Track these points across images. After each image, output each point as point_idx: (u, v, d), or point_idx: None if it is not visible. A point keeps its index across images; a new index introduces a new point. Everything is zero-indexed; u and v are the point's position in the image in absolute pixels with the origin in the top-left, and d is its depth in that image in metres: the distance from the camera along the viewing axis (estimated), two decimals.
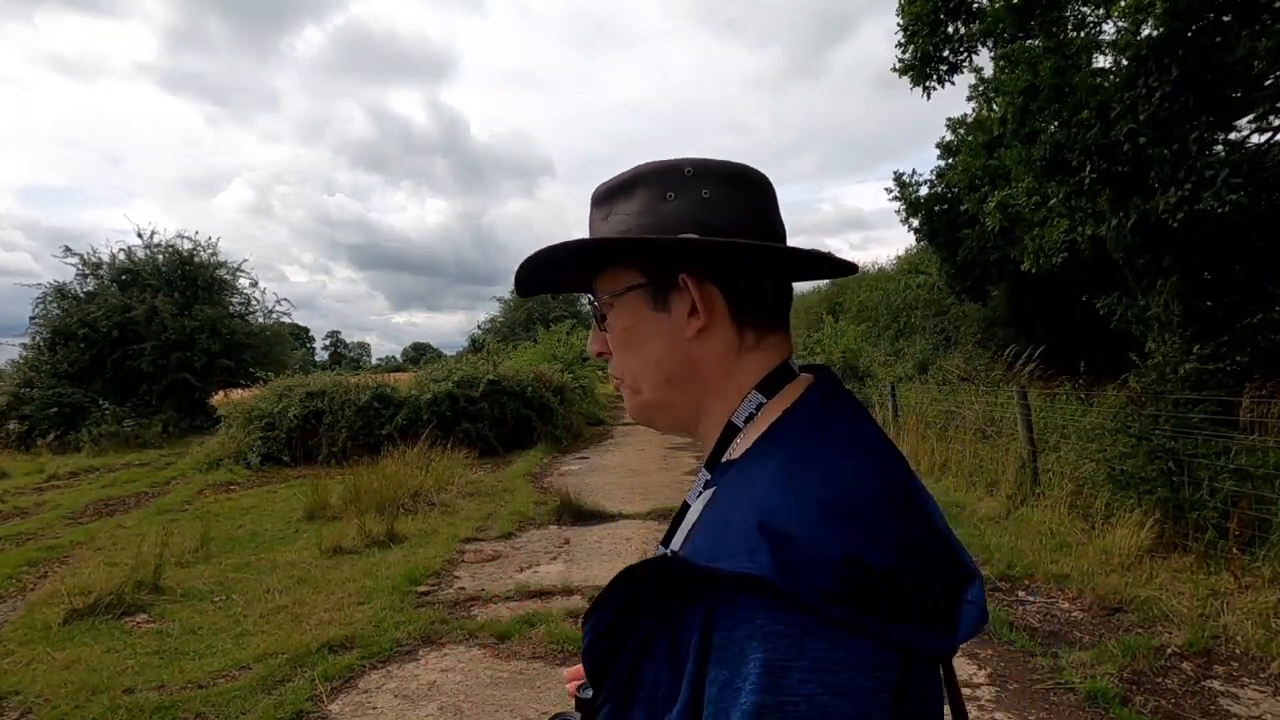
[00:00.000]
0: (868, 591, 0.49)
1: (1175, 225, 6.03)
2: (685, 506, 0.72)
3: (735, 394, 0.69)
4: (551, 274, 0.75)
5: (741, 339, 0.68)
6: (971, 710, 3.09)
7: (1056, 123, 7.06)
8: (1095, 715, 3.01)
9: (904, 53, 8.76)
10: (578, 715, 0.77)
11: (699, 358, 0.68)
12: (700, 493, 0.70)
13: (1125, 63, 6.74)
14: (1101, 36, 7.55)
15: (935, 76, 8.82)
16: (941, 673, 0.60)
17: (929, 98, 8.99)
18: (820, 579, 0.49)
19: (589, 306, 0.76)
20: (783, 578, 0.49)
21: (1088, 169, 6.70)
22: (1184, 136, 6.08)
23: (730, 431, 0.68)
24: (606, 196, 0.72)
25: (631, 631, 0.57)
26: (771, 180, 0.73)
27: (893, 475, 0.59)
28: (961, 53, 8.69)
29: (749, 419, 0.67)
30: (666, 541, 0.72)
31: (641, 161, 0.71)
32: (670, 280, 0.67)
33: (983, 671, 3.44)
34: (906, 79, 8.97)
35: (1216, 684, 3.24)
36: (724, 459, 0.68)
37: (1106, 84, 6.84)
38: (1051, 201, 7.55)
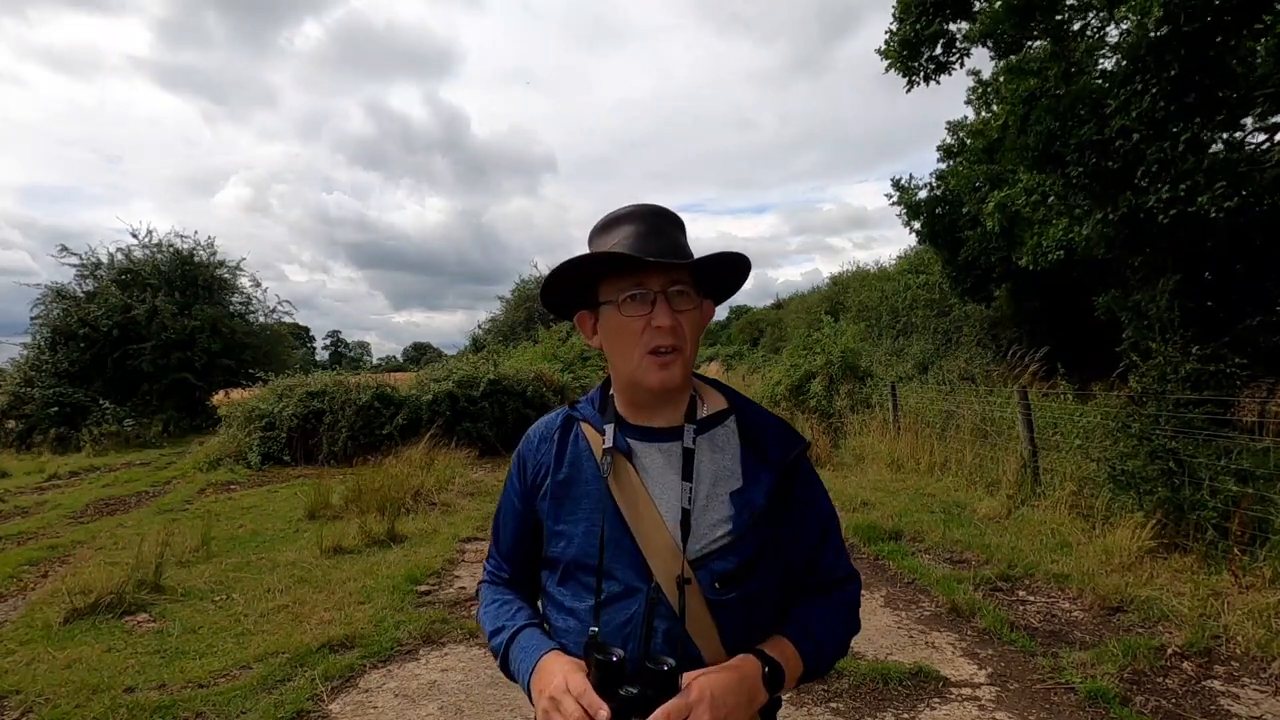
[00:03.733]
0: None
1: (1166, 221, 6.03)
2: (689, 451, 1.05)
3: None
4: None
5: None
6: (972, 710, 3.09)
7: (1049, 115, 7.04)
8: (1096, 715, 3.01)
9: (890, 39, 8.68)
10: (620, 651, 0.89)
11: None
12: (694, 438, 1.07)
13: (1124, 63, 6.72)
14: (1106, 38, 7.52)
15: (922, 73, 8.71)
16: None
17: (909, 90, 8.89)
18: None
19: (658, 293, 1.00)
20: (805, 445, 1.12)
21: (1078, 163, 6.69)
22: (1176, 136, 6.05)
23: (694, 401, 1.11)
24: (675, 221, 1.08)
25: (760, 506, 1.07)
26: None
27: None
28: (953, 54, 8.61)
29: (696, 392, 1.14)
30: (687, 476, 1.04)
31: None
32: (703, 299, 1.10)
33: (983, 671, 3.44)
34: (895, 70, 8.88)
35: (1217, 684, 3.24)
36: (699, 416, 1.10)
37: (1100, 81, 6.82)
38: (1050, 199, 7.55)
